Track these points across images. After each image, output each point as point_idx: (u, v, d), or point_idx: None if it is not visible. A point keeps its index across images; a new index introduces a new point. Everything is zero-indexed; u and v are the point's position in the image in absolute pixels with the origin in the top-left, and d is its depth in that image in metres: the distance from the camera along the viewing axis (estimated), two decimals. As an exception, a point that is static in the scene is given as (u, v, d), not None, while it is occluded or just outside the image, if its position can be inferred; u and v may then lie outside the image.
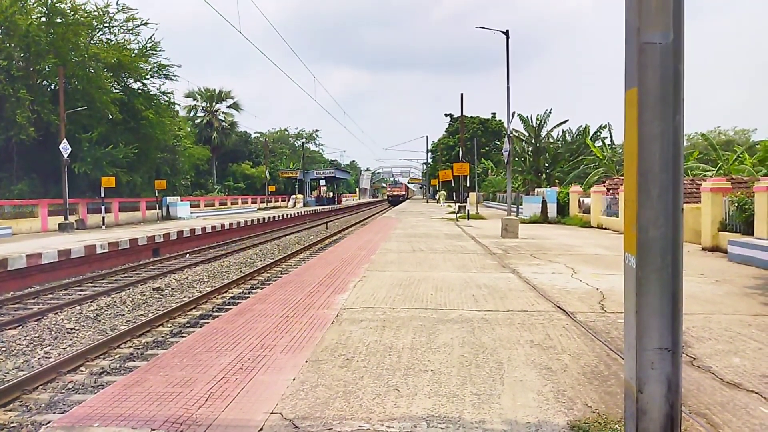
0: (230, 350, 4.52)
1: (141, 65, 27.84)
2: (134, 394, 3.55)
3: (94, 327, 8.48)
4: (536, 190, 26.24)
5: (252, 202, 47.64)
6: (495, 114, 62.00)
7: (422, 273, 8.59)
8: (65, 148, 20.39)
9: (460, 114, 31.71)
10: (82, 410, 3.32)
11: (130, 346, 7.34)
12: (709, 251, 11.39)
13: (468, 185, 31.88)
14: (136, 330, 7.90)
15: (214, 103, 55.79)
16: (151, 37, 28.90)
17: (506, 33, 17.81)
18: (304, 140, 78.73)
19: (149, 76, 28.93)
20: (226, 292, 10.97)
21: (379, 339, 4.80)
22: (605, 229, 17.57)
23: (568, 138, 34.38)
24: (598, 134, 32.35)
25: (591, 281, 7.75)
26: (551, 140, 34.33)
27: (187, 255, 17.74)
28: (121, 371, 6.30)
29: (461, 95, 29.74)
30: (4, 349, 7.24)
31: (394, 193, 75.45)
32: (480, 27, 18.55)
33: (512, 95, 17.20)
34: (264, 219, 30.08)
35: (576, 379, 3.75)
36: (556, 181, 31.91)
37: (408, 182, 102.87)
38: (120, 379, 4.01)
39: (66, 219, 20.78)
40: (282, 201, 54.72)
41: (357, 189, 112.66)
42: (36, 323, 8.61)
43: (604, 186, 19.22)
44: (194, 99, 54.72)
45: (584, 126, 33.73)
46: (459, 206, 26.93)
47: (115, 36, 27.21)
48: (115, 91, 26.43)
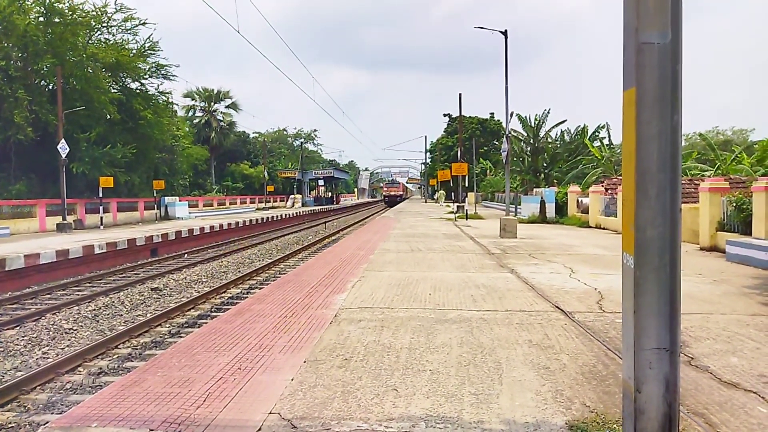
0: (228, 350, 4.52)
1: (139, 65, 27.83)
2: (132, 395, 3.54)
3: (93, 327, 8.47)
4: (534, 190, 26.26)
5: (250, 202, 47.60)
6: (493, 114, 62.11)
7: (421, 273, 8.59)
8: (63, 148, 20.35)
9: (459, 114, 31.73)
10: (80, 410, 3.31)
11: (129, 347, 7.33)
12: (707, 251, 11.42)
13: (466, 185, 31.90)
14: (135, 330, 7.89)
15: (213, 103, 55.71)
16: (150, 37, 28.87)
17: (504, 33, 17.86)
18: (303, 140, 78.62)
19: (147, 76, 28.93)
20: (225, 293, 10.96)
21: (378, 339, 4.80)
22: (603, 229, 17.60)
23: (567, 138, 34.45)
24: (597, 134, 32.43)
25: (589, 281, 7.76)
26: (550, 140, 34.39)
27: (186, 255, 17.73)
28: (120, 371, 6.29)
29: (460, 95, 29.79)
30: (2, 350, 7.23)
31: (391, 193, 70.75)
32: (478, 27, 18.61)
33: (511, 95, 17.26)
34: (262, 219, 30.05)
35: (574, 379, 3.76)
36: (555, 181, 31.95)
37: (407, 182, 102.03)
38: (118, 380, 4.00)
39: (64, 219, 20.76)
40: (280, 201, 54.70)
41: (355, 189, 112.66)
42: (34, 323, 8.59)
43: (603, 186, 19.24)
44: (192, 99, 54.69)
45: (582, 126, 33.84)
46: (457, 206, 26.97)
47: (114, 36, 27.23)
48: (114, 91, 26.40)
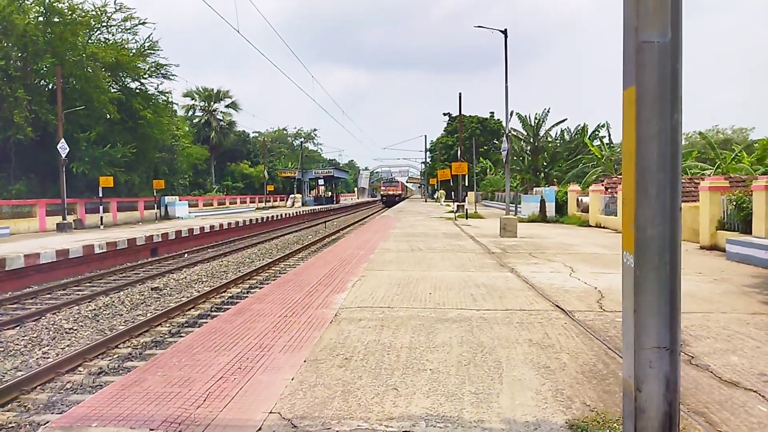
0: (229, 350, 4.51)
1: (139, 65, 27.85)
2: (132, 394, 3.54)
3: (93, 327, 8.47)
4: (535, 189, 26.25)
5: (250, 202, 47.61)
6: (493, 113, 62.10)
7: (421, 272, 8.58)
8: (63, 148, 20.34)
9: (459, 113, 31.73)
10: (81, 410, 3.31)
11: (129, 346, 7.33)
12: (708, 250, 11.41)
13: (466, 184, 31.90)
14: (135, 330, 7.89)
15: (213, 103, 55.74)
16: (149, 37, 28.92)
17: (504, 32, 17.85)
18: (303, 140, 78.64)
19: (147, 76, 28.94)
20: (225, 292, 10.96)
21: (378, 338, 4.80)
22: (603, 228, 17.59)
23: (567, 137, 34.45)
24: (597, 133, 32.42)
25: (589, 280, 7.76)
26: (550, 139, 34.39)
27: (186, 255, 17.73)
28: (120, 371, 6.29)
29: (459, 94, 29.78)
30: (3, 350, 7.23)
31: (389, 192, 63.12)
32: (478, 26, 18.61)
33: (511, 94, 17.28)
34: (262, 219, 30.05)
35: (574, 378, 3.75)
36: (555, 180, 31.94)
37: (407, 181, 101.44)
38: (118, 379, 4.00)
39: (64, 219, 20.76)
40: (280, 200, 54.69)
41: (355, 188, 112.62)
42: (34, 323, 8.59)
43: (603, 185, 19.24)
44: (192, 98, 54.72)
45: (582, 125, 33.84)
46: (457, 205, 26.96)
47: (113, 35, 27.25)
48: (113, 91, 26.40)
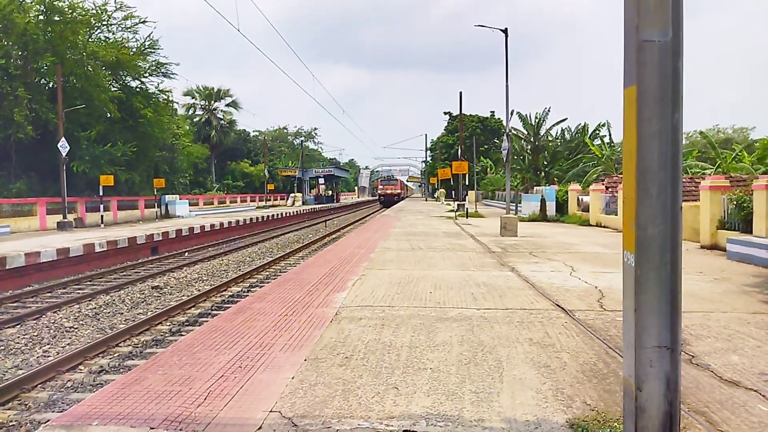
0: (229, 349, 4.52)
1: (139, 63, 27.83)
2: (133, 393, 3.54)
3: (93, 325, 8.47)
4: (535, 189, 26.25)
5: (251, 201, 47.62)
6: (494, 112, 62.22)
7: (421, 271, 8.58)
8: (63, 147, 20.34)
9: (459, 112, 31.71)
10: (81, 409, 3.31)
11: (129, 345, 7.34)
12: (708, 249, 11.41)
13: (467, 183, 31.89)
14: (135, 328, 7.89)
15: (213, 102, 55.75)
16: (150, 36, 28.83)
17: (505, 31, 17.84)
18: (303, 138, 78.64)
19: (148, 75, 28.93)
20: (225, 291, 10.97)
21: (378, 337, 4.80)
22: (604, 228, 17.59)
23: (567, 136, 34.43)
24: (597, 132, 32.38)
25: (590, 279, 7.75)
26: (550, 138, 34.37)
27: (186, 253, 17.73)
28: (120, 370, 6.29)
29: (460, 93, 29.75)
30: (3, 348, 7.24)
31: (387, 191, 56.70)
32: (479, 25, 18.61)
33: (511, 94, 17.26)
34: (263, 217, 30.05)
35: (575, 377, 3.75)
36: (555, 180, 31.94)
37: (407, 180, 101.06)
38: (119, 378, 4.00)
39: (64, 217, 20.74)
40: (281, 199, 54.71)
41: (356, 187, 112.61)
42: (35, 322, 8.60)
43: (603, 184, 19.23)
44: (193, 97, 54.72)
45: (583, 124, 33.83)
46: (458, 205, 26.95)
47: (114, 34, 27.25)
48: (114, 90, 26.40)
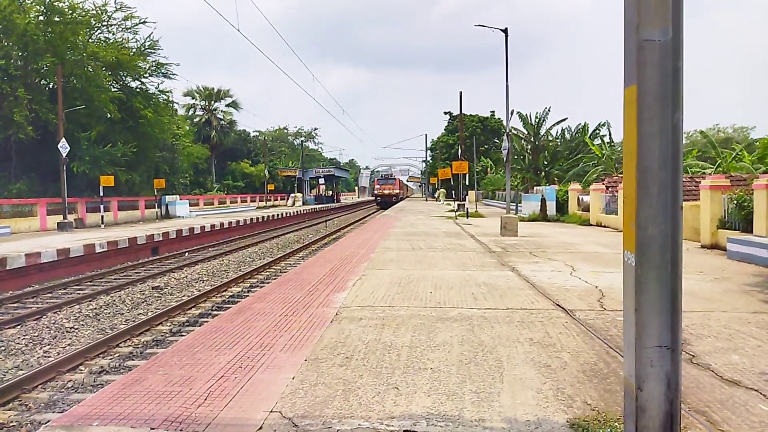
0: (229, 349, 4.52)
1: (139, 64, 27.84)
2: (133, 393, 3.54)
3: (94, 326, 8.47)
4: (535, 188, 26.24)
5: (251, 201, 47.63)
6: (494, 112, 62.16)
7: (421, 271, 8.58)
8: (64, 147, 20.35)
9: (460, 112, 31.70)
10: (82, 409, 3.31)
11: (130, 345, 7.34)
12: (708, 249, 11.40)
13: (467, 183, 31.89)
14: (136, 329, 7.89)
15: (213, 102, 55.76)
16: (150, 36, 28.95)
17: (505, 31, 17.84)
18: (303, 139, 78.58)
19: (148, 75, 28.94)
20: (226, 291, 10.97)
21: (379, 337, 4.80)
22: (604, 227, 17.58)
23: (567, 136, 34.40)
24: (597, 132, 32.36)
25: (590, 279, 7.75)
26: (550, 138, 34.36)
27: (187, 254, 17.73)
28: (121, 370, 6.29)
29: (460, 93, 29.73)
30: (4, 349, 7.24)
31: (384, 192, 53.56)
32: (479, 25, 18.60)
33: (511, 93, 17.26)
34: (263, 217, 30.06)
35: (575, 377, 3.75)
36: (555, 179, 31.93)
37: (407, 180, 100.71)
38: (119, 378, 4.00)
39: (65, 218, 20.76)
40: (281, 199, 54.71)
41: (356, 187, 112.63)
42: (35, 322, 8.60)
43: (603, 184, 19.23)
44: (193, 98, 54.74)
45: (583, 124, 33.79)
46: (458, 204, 26.96)
47: (114, 35, 27.26)
48: (114, 90, 26.41)
